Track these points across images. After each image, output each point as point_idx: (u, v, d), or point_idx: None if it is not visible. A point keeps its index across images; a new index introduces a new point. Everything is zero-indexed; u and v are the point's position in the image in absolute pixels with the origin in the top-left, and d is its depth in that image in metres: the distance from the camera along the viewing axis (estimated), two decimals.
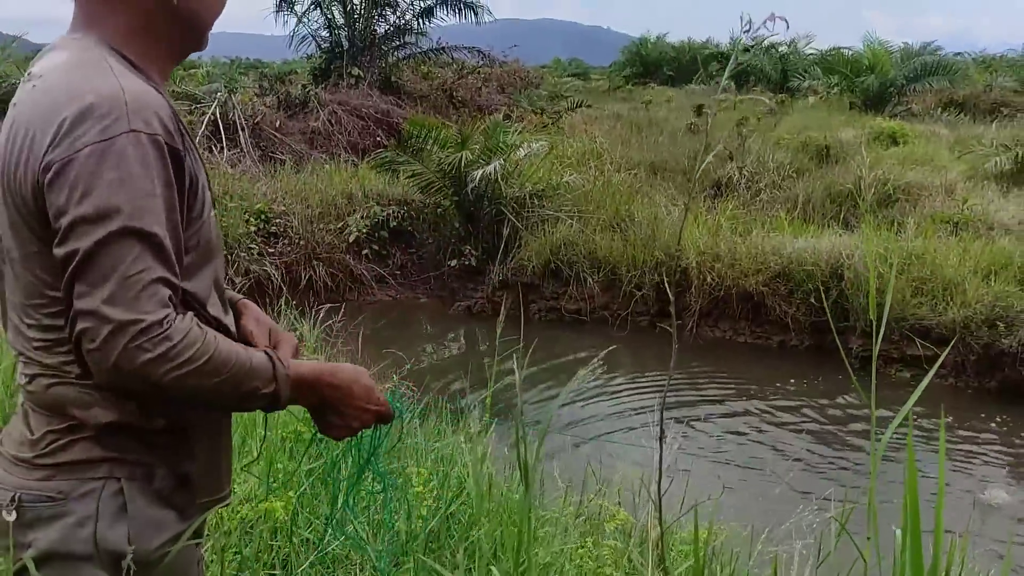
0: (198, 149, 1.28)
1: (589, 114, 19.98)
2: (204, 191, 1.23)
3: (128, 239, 1.07)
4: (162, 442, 1.23)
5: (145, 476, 1.22)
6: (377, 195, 11.09)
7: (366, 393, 1.32)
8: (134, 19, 1.21)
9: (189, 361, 1.09)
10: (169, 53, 1.28)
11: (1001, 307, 7.87)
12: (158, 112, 1.13)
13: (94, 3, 1.21)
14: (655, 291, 9.79)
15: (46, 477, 1.19)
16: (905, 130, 15.87)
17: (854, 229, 10.30)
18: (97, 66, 1.15)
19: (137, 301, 1.06)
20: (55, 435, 1.20)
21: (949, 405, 7.77)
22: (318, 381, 1.26)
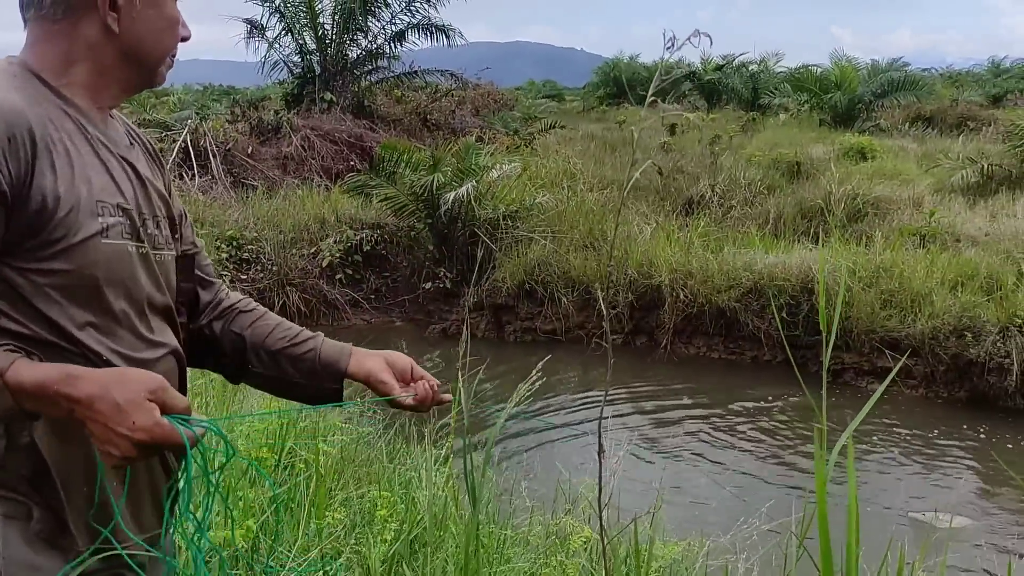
0: (132, 176, 1.25)
1: (563, 135, 20.11)
2: (80, 215, 1.15)
3: None
4: (34, 484, 1.14)
5: (24, 515, 1.13)
6: (350, 219, 11.08)
7: (116, 413, 1.03)
8: (72, 49, 1.21)
9: None
10: (108, 84, 1.26)
11: (968, 318, 7.97)
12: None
13: (37, 31, 1.21)
14: (629, 309, 9.83)
15: None
16: (874, 145, 16.09)
17: (825, 244, 10.41)
18: None
19: None
20: None
21: (921, 416, 7.85)
22: (44, 390, 1.05)
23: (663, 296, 9.50)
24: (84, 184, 1.17)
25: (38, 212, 1.11)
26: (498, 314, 10.39)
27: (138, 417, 1.04)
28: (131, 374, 1.09)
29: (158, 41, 1.27)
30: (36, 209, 1.11)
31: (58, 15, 1.19)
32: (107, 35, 1.21)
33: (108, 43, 1.22)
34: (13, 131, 1.09)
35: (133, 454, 1.05)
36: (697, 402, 8.33)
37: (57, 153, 1.14)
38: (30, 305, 1.13)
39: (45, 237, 1.12)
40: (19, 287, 1.12)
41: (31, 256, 1.12)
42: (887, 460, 6.95)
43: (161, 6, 1.26)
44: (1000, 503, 6.24)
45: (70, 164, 1.16)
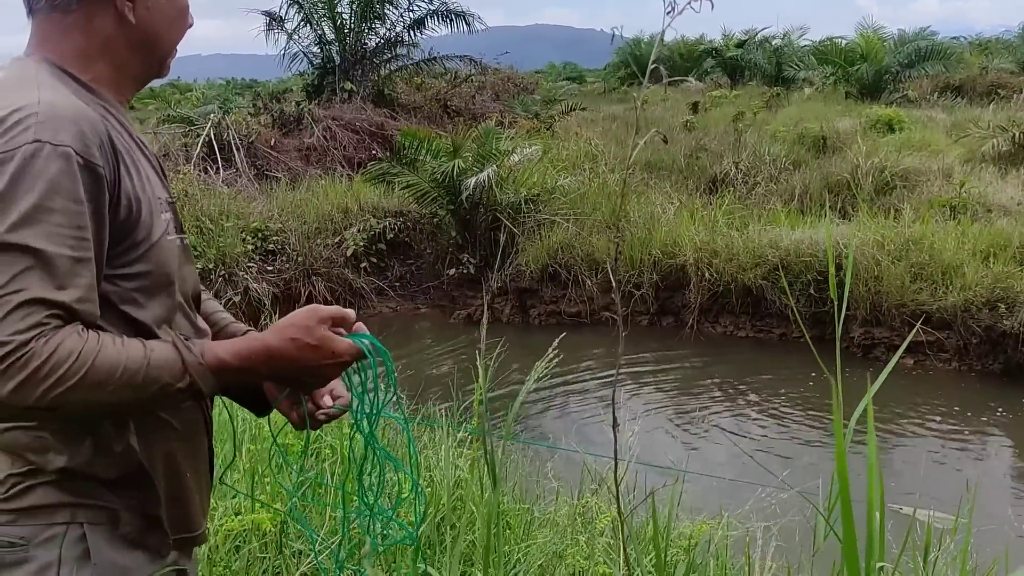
0: (157, 169, 1.27)
1: (584, 117, 19.98)
2: (155, 214, 1.18)
3: (7, 255, 1.01)
4: (124, 486, 1.19)
5: (110, 520, 1.18)
6: (373, 208, 11.11)
7: (316, 353, 1.18)
8: (89, 42, 1.19)
9: (64, 378, 1.01)
10: (126, 77, 1.25)
11: (1001, 288, 7.83)
12: (79, 125, 1.08)
13: (48, 25, 1.19)
14: (654, 290, 9.77)
15: (9, 522, 1.15)
16: (901, 117, 15.81)
17: (852, 218, 10.27)
18: (24, 83, 1.12)
19: (5, 323, 0.99)
20: (16, 478, 1.16)
21: (953, 390, 7.74)
22: (250, 365, 1.16)
23: (688, 275, 9.43)
24: (148, 183, 1.19)
25: (126, 218, 1.13)
26: (522, 298, 10.38)
27: (335, 345, 1.19)
28: (297, 318, 1.19)
29: (170, 30, 1.27)
30: (124, 215, 1.13)
31: (72, 5, 1.17)
32: (121, 25, 1.20)
33: (123, 34, 1.20)
34: (100, 138, 1.10)
35: (339, 373, 1.24)
36: (724, 381, 8.27)
37: (124, 155, 1.15)
38: (118, 311, 1.15)
39: (131, 241, 1.14)
40: (108, 294, 1.13)
41: (119, 262, 1.13)
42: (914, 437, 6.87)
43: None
44: None
45: (135, 165, 1.17)
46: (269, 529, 2.64)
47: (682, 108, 21.33)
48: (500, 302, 10.45)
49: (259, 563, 2.66)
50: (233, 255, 9.69)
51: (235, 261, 9.67)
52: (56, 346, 1.01)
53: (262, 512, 2.63)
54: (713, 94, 23.70)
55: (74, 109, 1.10)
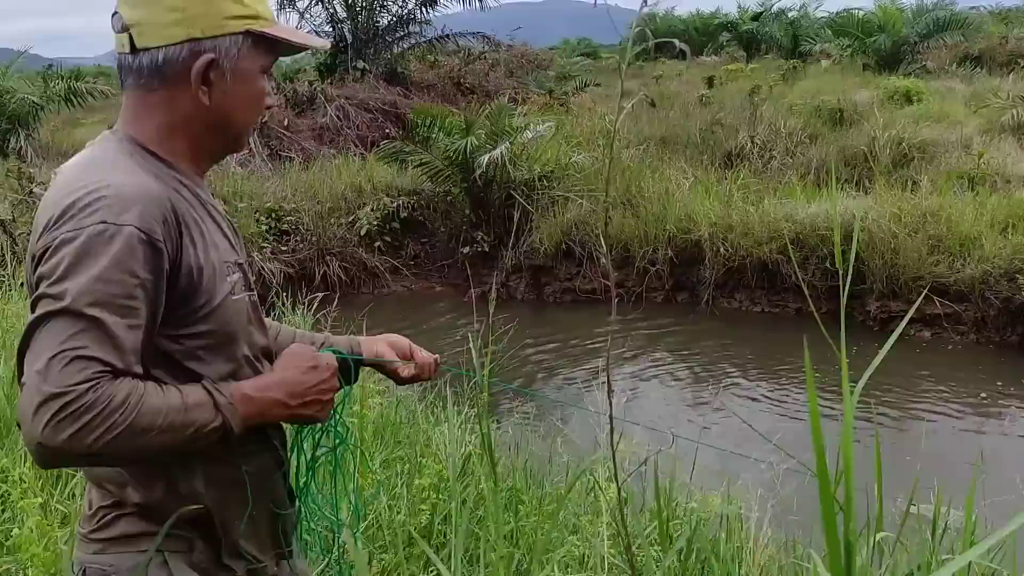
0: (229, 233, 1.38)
1: (599, 93, 19.82)
2: (217, 279, 1.28)
3: (66, 319, 1.11)
4: (195, 521, 1.30)
5: (186, 548, 1.30)
6: (386, 187, 11.11)
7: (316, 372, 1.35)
8: (169, 120, 1.30)
9: (115, 425, 1.09)
10: (204, 152, 1.36)
11: (1020, 260, 7.73)
12: (143, 206, 1.18)
13: (134, 102, 1.31)
14: (669, 266, 9.73)
15: (99, 551, 1.29)
16: (920, 88, 15.58)
17: (869, 191, 10.15)
18: (102, 162, 1.25)
19: (62, 375, 1.08)
20: (105, 510, 1.30)
21: (971, 362, 7.68)
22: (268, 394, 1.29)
23: (703, 251, 9.38)
24: (214, 250, 1.30)
25: (187, 284, 1.24)
26: (537, 275, 10.37)
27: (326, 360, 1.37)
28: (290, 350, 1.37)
29: (245, 113, 1.35)
30: (185, 283, 1.24)
31: (154, 85, 1.28)
32: (198, 107, 1.30)
33: (199, 114, 1.30)
34: (164, 214, 1.21)
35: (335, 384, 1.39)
36: (738, 355, 8.25)
37: (191, 226, 1.26)
38: (182, 367, 1.27)
39: (193, 305, 1.25)
40: (172, 353, 1.25)
41: (180, 323, 1.24)
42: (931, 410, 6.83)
43: (250, 82, 1.34)
44: None
45: (201, 234, 1.28)
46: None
47: (698, 83, 21.13)
48: (515, 280, 10.45)
49: None
50: (247, 236, 9.73)
51: (249, 241, 9.71)
52: (109, 398, 1.10)
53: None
54: (729, 68, 23.44)
55: (140, 189, 1.21)
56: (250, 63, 1.32)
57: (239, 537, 1.35)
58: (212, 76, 1.29)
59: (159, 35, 1.27)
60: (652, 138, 13.63)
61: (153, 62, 1.27)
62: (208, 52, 1.28)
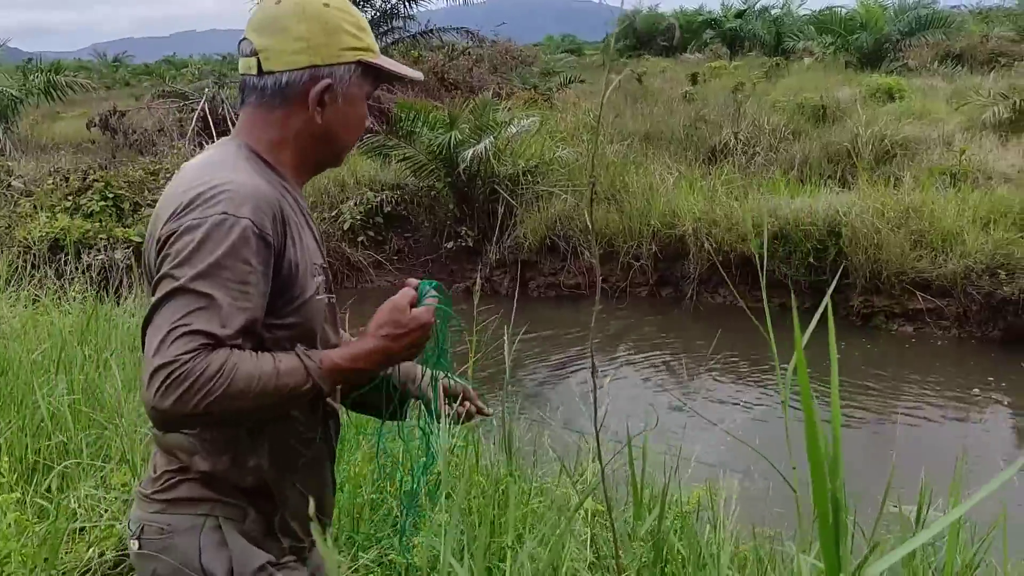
0: (319, 240, 1.51)
1: (583, 89, 19.82)
2: (307, 277, 1.41)
3: (185, 296, 1.25)
4: (253, 493, 1.42)
5: (240, 517, 1.41)
6: (370, 181, 11.05)
7: (410, 336, 1.43)
8: (283, 135, 1.46)
9: (212, 389, 1.22)
10: (308, 165, 1.51)
11: (1001, 255, 7.80)
12: (257, 203, 1.32)
13: (254, 117, 1.47)
14: (653, 261, 9.74)
15: (160, 511, 1.41)
16: (902, 85, 15.70)
17: (852, 187, 10.20)
18: (223, 163, 1.39)
19: (173, 346, 1.22)
20: (170, 474, 1.41)
21: (953, 357, 7.73)
22: (358, 364, 1.39)
23: (687, 246, 9.39)
24: (306, 251, 1.42)
25: (286, 277, 1.37)
26: (521, 270, 10.34)
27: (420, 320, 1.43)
28: (383, 316, 1.42)
29: (349, 132, 1.52)
30: (285, 275, 1.37)
31: (275, 104, 1.45)
32: (310, 124, 1.45)
33: (310, 131, 1.46)
34: (273, 212, 1.35)
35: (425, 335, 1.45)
36: (720, 350, 8.25)
37: (292, 226, 1.40)
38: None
39: (288, 296, 1.38)
40: (264, 340, 1.36)
41: (275, 313, 1.36)
42: (915, 404, 6.87)
43: (357, 105, 1.50)
44: None
45: (299, 235, 1.42)
46: None
47: (682, 79, 21.17)
48: (499, 275, 10.42)
49: None
50: None
51: None
52: (207, 365, 1.22)
53: None
54: (713, 65, 23.49)
55: (255, 189, 1.34)
56: (358, 89, 1.49)
57: (289, 514, 1.46)
58: (326, 98, 1.44)
59: (285, 61, 1.43)
60: (636, 134, 13.64)
61: (277, 84, 1.43)
62: (326, 78, 1.44)
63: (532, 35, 44.18)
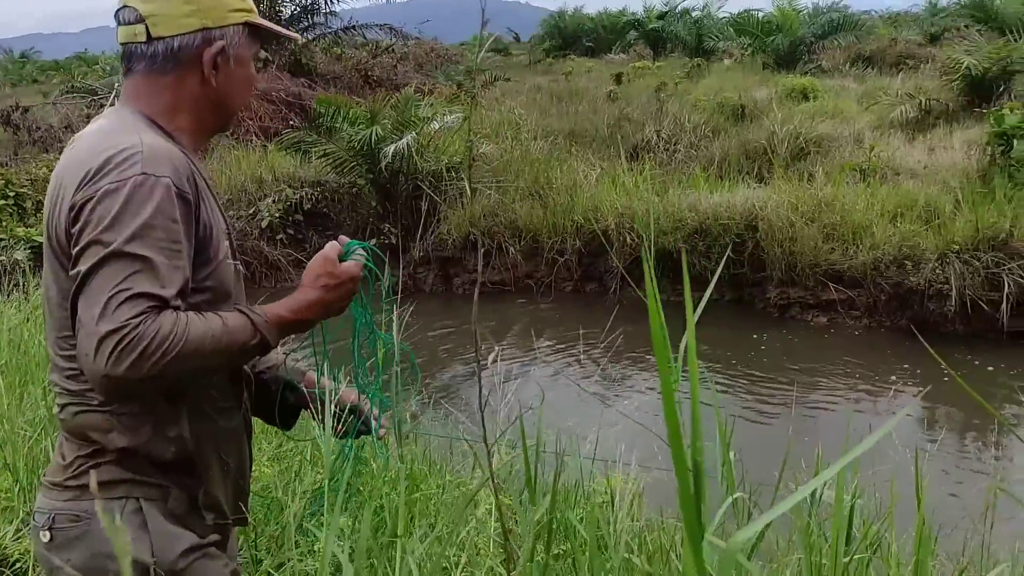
0: (219, 204, 1.50)
1: (509, 87, 19.83)
2: (220, 239, 1.42)
3: (120, 261, 1.23)
4: (174, 468, 1.38)
5: (161, 496, 1.37)
6: (289, 178, 10.80)
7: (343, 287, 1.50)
8: (178, 100, 1.45)
9: (167, 351, 1.22)
10: (202, 130, 1.51)
11: (908, 247, 8.06)
12: (173, 163, 1.32)
13: (144, 83, 1.44)
14: (577, 256, 9.78)
15: (74, 498, 1.36)
16: (816, 86, 16.15)
17: (768, 183, 10.43)
18: (125, 128, 1.37)
19: (118, 313, 1.20)
20: (83, 460, 1.36)
21: (864, 346, 7.96)
22: (300, 315, 1.45)
23: (610, 240, 9.45)
24: (215, 214, 1.44)
25: (202, 239, 1.37)
26: (445, 267, 10.27)
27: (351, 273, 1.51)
28: (317, 266, 1.49)
29: (241, 95, 1.53)
30: (201, 236, 1.37)
31: (167, 69, 1.43)
32: (205, 87, 1.46)
33: (205, 95, 1.46)
34: (189, 175, 1.35)
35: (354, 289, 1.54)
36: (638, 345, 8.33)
37: (202, 189, 1.40)
38: None
39: (204, 258, 1.37)
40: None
41: (194, 277, 1.35)
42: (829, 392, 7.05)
43: (247, 66, 1.52)
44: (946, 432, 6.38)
45: (207, 198, 1.42)
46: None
47: (606, 79, 21.37)
48: (423, 272, 10.32)
49: None
50: None
51: None
52: (158, 328, 1.22)
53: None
54: (636, 65, 23.78)
55: (168, 150, 1.35)
56: (246, 50, 1.51)
57: (211, 488, 1.43)
58: (219, 61, 1.45)
59: (176, 25, 1.42)
60: (560, 131, 13.71)
61: (169, 49, 1.42)
62: (219, 40, 1.45)
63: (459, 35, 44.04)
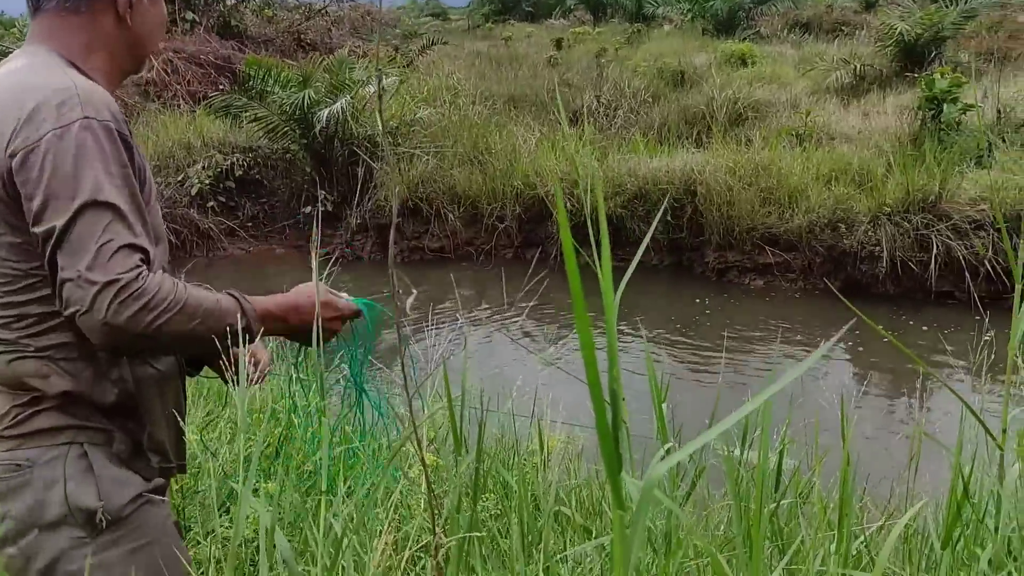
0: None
1: (447, 52, 19.51)
2: (151, 181, 1.40)
3: (95, 211, 1.21)
4: (117, 412, 1.36)
5: (105, 441, 1.35)
6: (219, 143, 10.45)
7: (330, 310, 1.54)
8: (92, 39, 1.39)
9: (166, 310, 1.23)
10: (117, 70, 1.45)
11: (842, 210, 8.17)
12: (108, 104, 1.28)
13: (57, 22, 1.37)
14: (518, 223, 9.70)
15: (14, 447, 1.30)
16: (754, 52, 16.24)
17: (707, 148, 10.47)
18: (47, 68, 1.31)
19: (112, 264, 1.20)
20: (20, 408, 1.31)
21: (800, 308, 8.07)
22: (284, 313, 1.47)
23: (550, 207, 9.39)
24: (142, 156, 1.39)
25: (140, 178, 1.34)
26: (383, 234, 10.09)
27: (338, 303, 1.57)
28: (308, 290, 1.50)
29: (154, 34, 1.48)
30: (139, 176, 1.34)
31: (81, 8, 1.38)
32: (120, 26, 1.41)
33: (120, 34, 1.41)
34: (120, 112, 1.31)
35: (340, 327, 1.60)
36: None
37: (131, 131, 1.36)
38: None
39: (143, 199, 1.33)
40: None
41: None
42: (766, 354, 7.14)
43: (160, 6, 1.48)
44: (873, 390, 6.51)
45: (134, 140, 1.38)
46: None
47: (546, 44, 21.19)
48: (360, 239, 10.13)
49: None
50: None
51: None
52: (159, 284, 1.24)
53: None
54: (576, 31, 23.63)
55: (101, 92, 1.30)
56: None
57: (154, 430, 1.42)
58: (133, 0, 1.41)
59: None
60: (500, 96, 13.54)
61: None
62: None
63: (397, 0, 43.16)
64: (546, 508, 1.64)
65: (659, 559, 1.56)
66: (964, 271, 7.53)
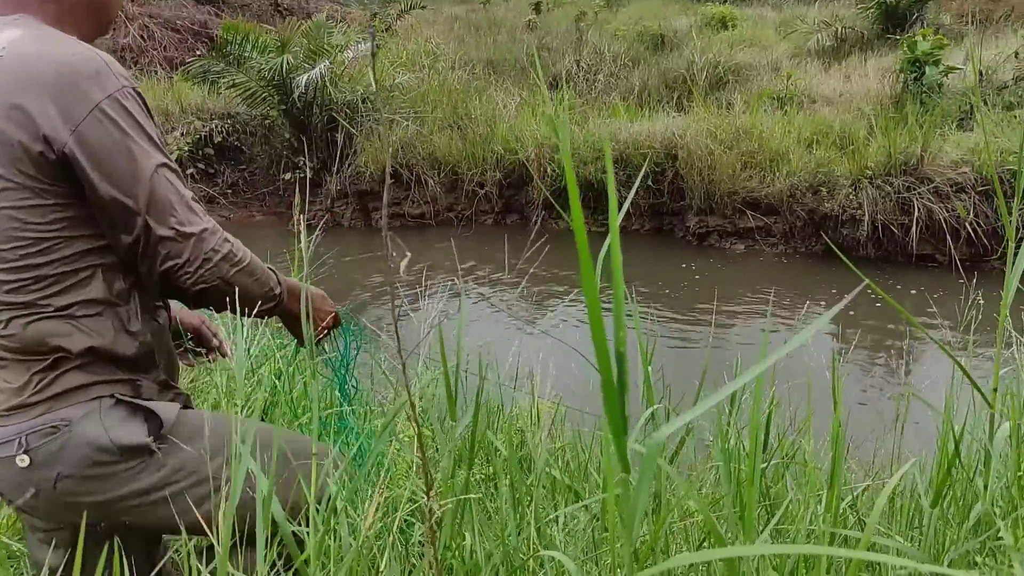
0: None
1: (425, 16, 19.24)
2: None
3: (165, 172, 1.29)
4: (138, 362, 1.39)
5: (133, 388, 1.38)
6: (197, 110, 10.30)
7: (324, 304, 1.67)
8: (60, 7, 1.37)
9: (241, 260, 1.36)
10: (86, 38, 1.39)
11: (823, 173, 8.20)
12: (124, 70, 1.30)
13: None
14: (498, 188, 9.66)
15: (45, 411, 1.30)
16: (734, 14, 16.14)
17: (687, 112, 10.44)
18: (55, 37, 1.29)
19: (196, 215, 1.30)
20: (41, 374, 1.30)
21: (781, 271, 8.13)
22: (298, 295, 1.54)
23: (531, 171, 9.35)
24: None
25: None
26: (363, 201, 10.02)
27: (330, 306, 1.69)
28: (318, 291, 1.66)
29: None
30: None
31: None
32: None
33: (85, 1, 1.40)
34: None
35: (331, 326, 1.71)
36: (562, 275, 8.33)
37: None
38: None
39: None
40: None
41: None
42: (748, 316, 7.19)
43: None
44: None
45: None
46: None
47: (525, 8, 20.96)
48: (341, 206, 10.06)
49: None
50: None
51: None
52: (233, 242, 1.36)
53: None
54: None
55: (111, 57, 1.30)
56: None
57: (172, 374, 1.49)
58: None
59: None
60: (479, 61, 13.40)
61: None
62: None
63: None
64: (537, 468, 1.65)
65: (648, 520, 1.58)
66: (946, 234, 7.60)
